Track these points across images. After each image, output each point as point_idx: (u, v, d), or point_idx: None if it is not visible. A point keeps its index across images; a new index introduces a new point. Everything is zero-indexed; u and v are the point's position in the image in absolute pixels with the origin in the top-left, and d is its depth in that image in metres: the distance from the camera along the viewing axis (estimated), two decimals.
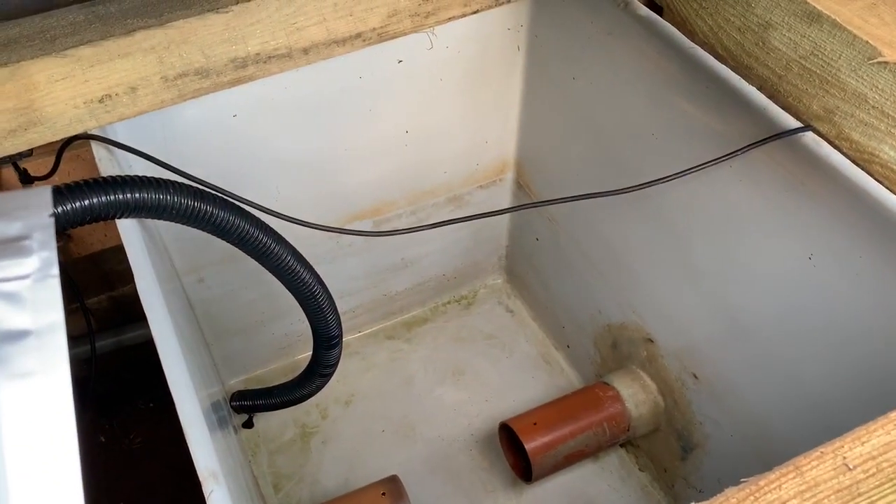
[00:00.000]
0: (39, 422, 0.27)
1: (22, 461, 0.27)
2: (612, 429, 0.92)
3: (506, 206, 1.09)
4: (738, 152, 0.65)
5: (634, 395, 0.92)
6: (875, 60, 0.44)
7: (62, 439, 0.27)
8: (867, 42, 0.44)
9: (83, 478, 0.28)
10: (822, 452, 0.34)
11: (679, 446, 0.90)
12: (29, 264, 0.29)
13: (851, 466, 0.34)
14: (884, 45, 0.44)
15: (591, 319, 1.01)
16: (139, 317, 0.49)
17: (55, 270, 0.30)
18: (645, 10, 0.73)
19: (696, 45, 0.69)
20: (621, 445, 1.00)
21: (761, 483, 0.33)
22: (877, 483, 0.33)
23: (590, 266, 0.97)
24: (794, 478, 0.33)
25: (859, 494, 0.33)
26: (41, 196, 0.30)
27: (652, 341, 0.90)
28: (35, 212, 0.30)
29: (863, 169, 0.48)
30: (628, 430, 0.92)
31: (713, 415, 0.83)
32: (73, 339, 0.96)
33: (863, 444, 0.34)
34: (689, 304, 0.82)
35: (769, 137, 0.63)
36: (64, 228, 0.50)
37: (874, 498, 0.33)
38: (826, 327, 0.66)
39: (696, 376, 0.84)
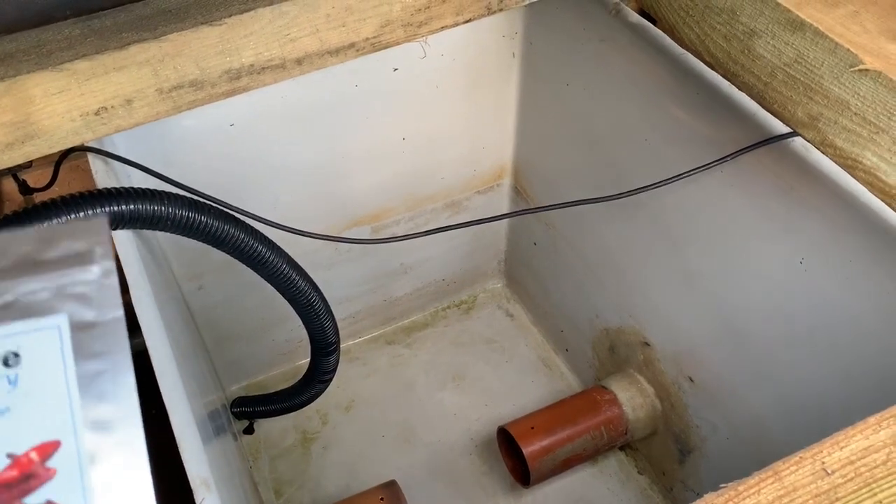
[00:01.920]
0: (106, 391, 0.35)
1: (93, 426, 0.34)
2: (609, 432, 0.92)
3: (504, 211, 1.10)
4: (728, 158, 0.66)
5: (632, 399, 0.92)
6: (857, 68, 0.44)
7: (128, 402, 0.35)
8: (849, 50, 0.44)
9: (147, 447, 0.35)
10: (801, 457, 0.35)
11: (677, 449, 0.91)
12: (94, 272, 0.37)
13: (830, 471, 0.34)
14: (865, 53, 0.44)
15: (589, 323, 1.01)
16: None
17: (114, 277, 0.37)
18: (636, 17, 0.74)
19: (685, 52, 0.69)
20: (620, 449, 1.01)
21: (740, 488, 0.34)
22: (854, 488, 0.34)
23: (587, 270, 0.98)
24: (772, 483, 0.34)
25: (837, 499, 0.33)
26: (100, 221, 0.38)
27: (648, 345, 0.90)
28: (95, 233, 0.38)
29: (849, 174, 0.48)
30: (626, 434, 0.93)
31: (710, 418, 0.84)
32: None
33: (841, 448, 0.35)
34: (684, 307, 0.82)
35: (758, 143, 0.63)
36: None
37: (851, 503, 0.33)
38: (819, 330, 0.66)
39: (692, 380, 0.85)
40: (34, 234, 0.37)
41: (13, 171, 0.75)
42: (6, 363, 0.34)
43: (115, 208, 0.51)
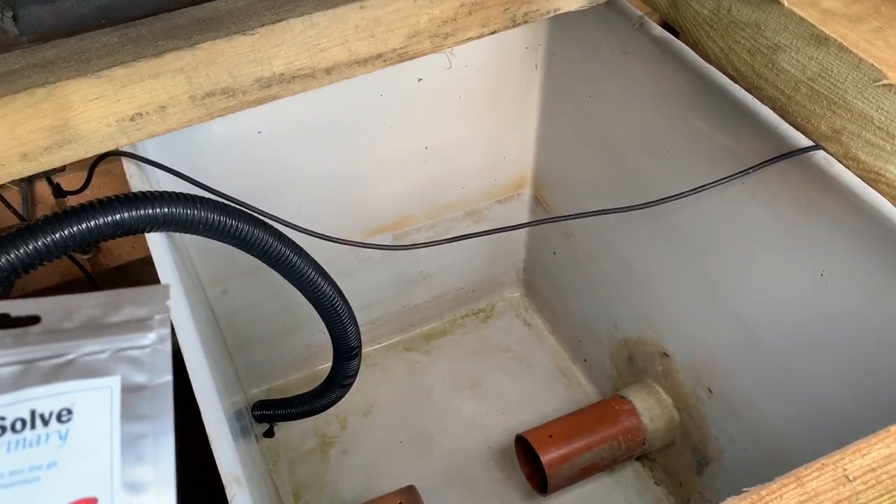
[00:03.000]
0: (146, 453, 0.37)
1: (130, 487, 0.36)
2: (627, 442, 0.92)
3: (523, 221, 1.11)
4: (751, 170, 0.67)
5: (650, 409, 0.93)
6: (881, 83, 0.45)
7: (165, 467, 0.37)
8: (873, 65, 0.45)
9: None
10: (823, 464, 0.35)
11: (694, 460, 0.91)
12: (150, 338, 0.40)
13: (851, 478, 0.35)
14: (889, 69, 0.45)
15: (608, 333, 1.02)
16: None
17: (168, 345, 0.40)
18: (659, 30, 0.75)
19: (708, 65, 0.70)
20: (637, 459, 1.01)
21: (763, 493, 0.34)
22: (876, 494, 0.34)
23: (606, 280, 0.98)
24: (794, 488, 0.34)
25: None
26: (163, 290, 0.41)
27: (667, 356, 0.90)
28: (158, 301, 0.41)
29: (872, 187, 0.49)
30: (644, 444, 0.93)
31: (728, 429, 0.84)
32: None
33: (863, 456, 0.35)
34: (704, 319, 0.82)
35: (781, 156, 0.64)
36: (97, 241, 0.53)
37: None
38: (840, 343, 0.66)
39: (710, 391, 0.85)
40: (103, 298, 0.40)
41: (47, 175, 0.76)
42: (59, 419, 0.36)
43: (151, 211, 0.52)
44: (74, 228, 0.50)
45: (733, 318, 0.78)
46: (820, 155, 0.62)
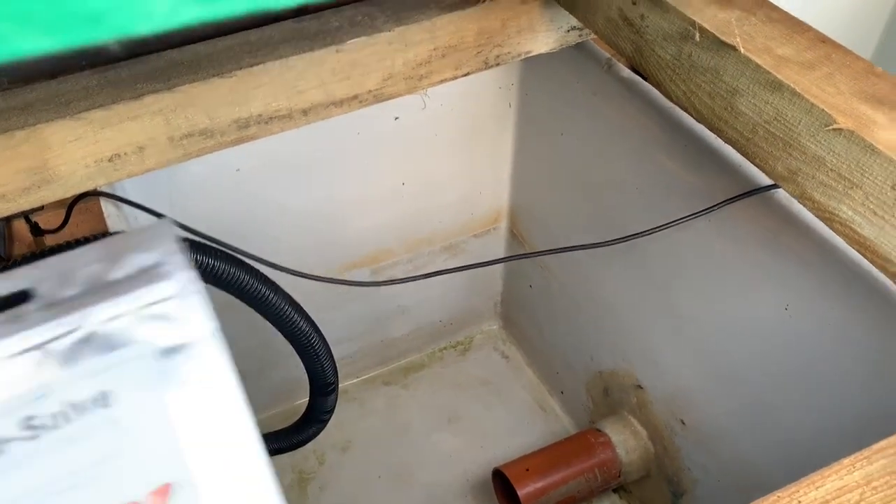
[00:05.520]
0: (214, 424, 0.31)
1: (205, 461, 0.30)
2: (603, 475, 0.93)
3: (500, 254, 1.12)
4: (716, 207, 0.69)
5: (625, 442, 0.94)
6: (831, 127, 0.47)
7: (242, 435, 0.31)
8: (823, 110, 0.47)
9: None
10: (777, 497, 0.36)
11: (669, 492, 0.92)
12: (171, 286, 0.32)
13: None
14: (839, 113, 0.47)
15: (584, 366, 1.03)
16: None
17: (197, 286, 0.32)
18: (627, 72, 0.77)
19: (674, 106, 0.72)
20: (614, 491, 1.02)
21: None
22: None
23: (581, 313, 1.00)
24: None
25: None
26: (165, 227, 0.33)
27: (641, 388, 0.92)
28: (164, 241, 0.33)
29: (827, 226, 0.51)
30: (619, 476, 0.94)
31: (701, 461, 0.85)
32: None
33: (817, 488, 0.37)
34: (675, 351, 0.84)
35: (743, 194, 0.66)
36: None
37: None
38: (805, 374, 0.68)
39: (683, 422, 0.86)
40: (100, 250, 0.32)
41: (26, 214, 0.77)
42: (100, 404, 0.30)
43: None
44: None
45: (703, 350, 0.79)
46: (782, 193, 0.64)
